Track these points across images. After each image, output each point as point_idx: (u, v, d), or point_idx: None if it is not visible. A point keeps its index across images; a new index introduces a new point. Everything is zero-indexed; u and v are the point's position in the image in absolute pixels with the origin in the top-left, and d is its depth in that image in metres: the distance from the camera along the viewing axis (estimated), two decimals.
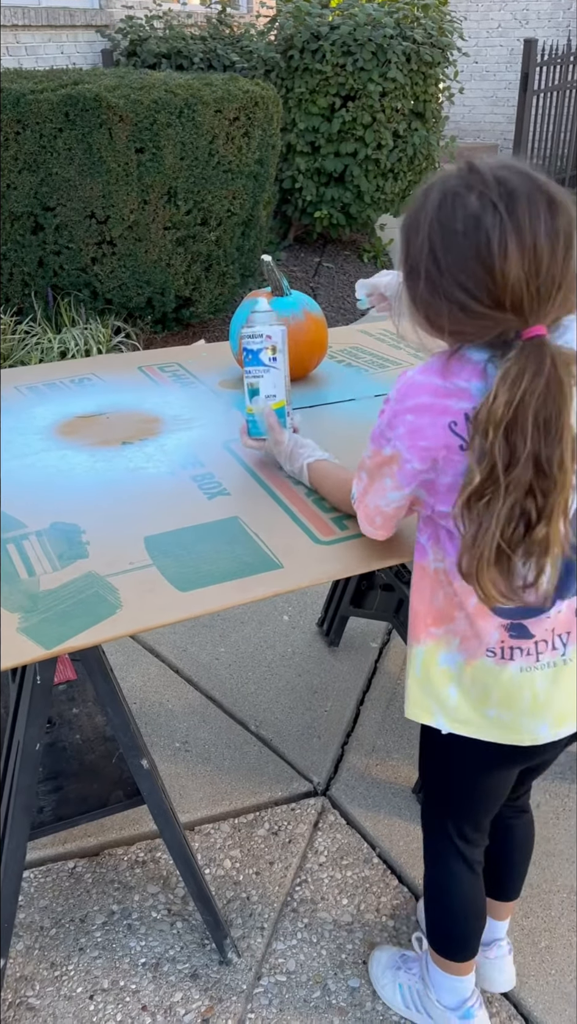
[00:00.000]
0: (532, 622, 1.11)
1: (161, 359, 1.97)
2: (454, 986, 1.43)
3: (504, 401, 0.92)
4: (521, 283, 0.91)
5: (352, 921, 1.71)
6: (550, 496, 0.95)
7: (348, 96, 5.53)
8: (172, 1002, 1.56)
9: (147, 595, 1.10)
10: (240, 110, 4.12)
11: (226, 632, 2.52)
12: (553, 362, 0.93)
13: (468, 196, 0.92)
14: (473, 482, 0.95)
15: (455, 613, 1.12)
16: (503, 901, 1.53)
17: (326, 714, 2.22)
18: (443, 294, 0.95)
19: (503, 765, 1.25)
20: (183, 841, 1.47)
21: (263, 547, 1.22)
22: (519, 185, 0.92)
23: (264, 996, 1.57)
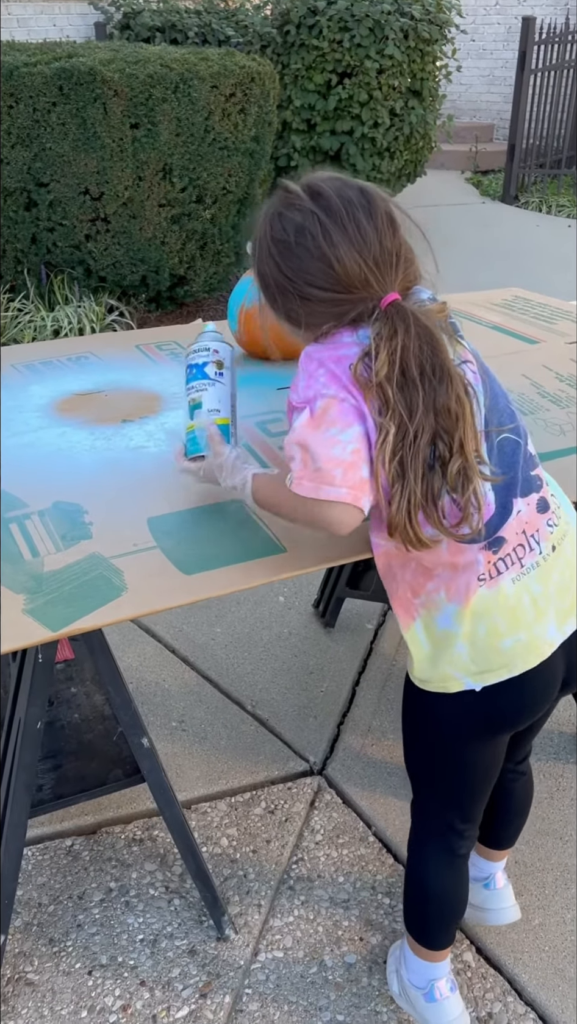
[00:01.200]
0: (504, 529, 1.14)
1: (159, 338, 1.95)
2: (423, 969, 1.43)
3: (386, 356, 1.00)
4: (358, 264, 1.03)
5: (348, 899, 1.72)
6: (455, 432, 1.02)
7: (345, 73, 5.47)
8: (170, 977, 1.57)
9: (152, 578, 1.10)
10: (236, 86, 4.08)
11: (222, 612, 2.52)
12: (416, 317, 1.03)
13: (289, 212, 1.06)
14: (388, 435, 1.01)
15: (434, 571, 1.14)
16: (502, 850, 1.59)
17: (322, 694, 2.23)
18: (298, 295, 1.07)
19: (501, 722, 1.23)
20: (183, 820, 1.48)
21: (266, 530, 1.21)
22: (327, 185, 1.05)
23: (261, 972, 1.59)
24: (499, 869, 1.60)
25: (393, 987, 1.53)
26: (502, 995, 1.56)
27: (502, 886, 1.60)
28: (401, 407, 1.01)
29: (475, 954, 1.62)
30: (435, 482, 1.03)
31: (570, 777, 1.99)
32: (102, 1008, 1.52)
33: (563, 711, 2.16)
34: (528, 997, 1.56)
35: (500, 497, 1.13)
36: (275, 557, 1.16)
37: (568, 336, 2.02)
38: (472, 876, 1.55)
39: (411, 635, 1.18)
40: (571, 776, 1.99)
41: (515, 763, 1.46)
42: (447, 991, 1.42)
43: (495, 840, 1.57)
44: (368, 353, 1.03)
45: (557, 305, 2.27)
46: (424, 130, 5.89)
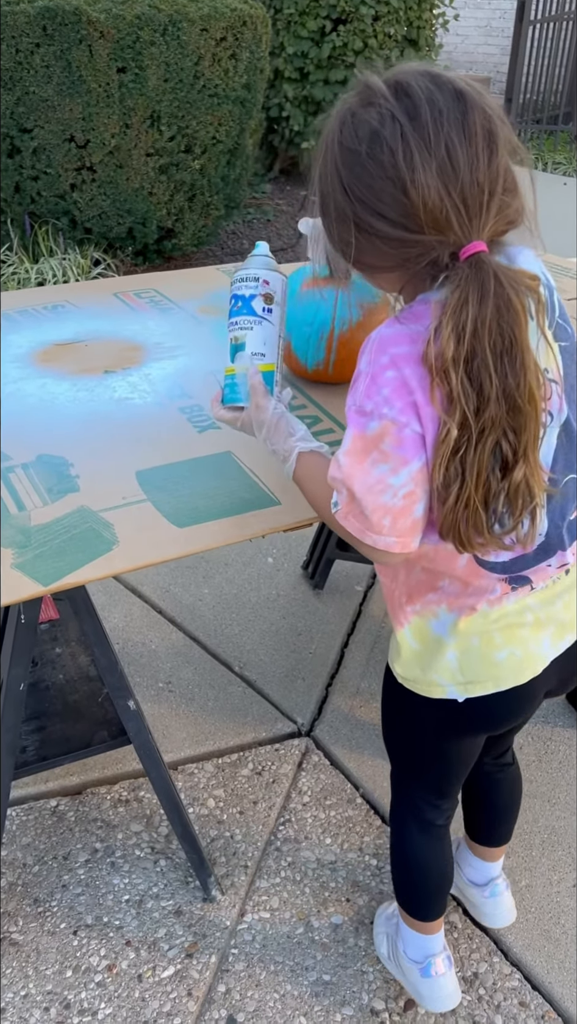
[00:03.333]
0: (532, 572, 1.04)
1: (137, 285, 1.88)
2: (419, 943, 1.42)
3: (451, 333, 0.82)
4: (440, 196, 0.81)
5: (335, 860, 1.71)
6: (522, 433, 0.86)
7: (339, 19, 5.30)
8: (156, 938, 1.56)
9: (143, 531, 1.06)
10: (227, 30, 3.93)
11: (210, 573, 2.48)
12: (498, 280, 0.82)
13: (366, 111, 0.83)
14: (450, 435, 0.84)
15: (438, 582, 1.04)
16: (495, 847, 1.53)
17: (311, 656, 2.20)
18: (359, 225, 0.86)
19: (481, 728, 1.18)
20: (169, 782, 1.46)
21: (259, 483, 1.17)
22: (419, 87, 0.82)
23: (247, 932, 1.58)
24: (498, 872, 1.56)
25: (381, 949, 1.53)
26: (488, 955, 1.56)
27: (502, 892, 1.55)
28: (466, 399, 0.83)
29: (461, 915, 1.62)
30: (493, 485, 0.88)
31: (559, 740, 1.99)
32: (87, 968, 1.51)
33: None
34: (513, 958, 1.56)
35: (546, 542, 1.02)
36: (269, 509, 1.12)
37: (567, 293, 1.96)
38: (470, 879, 1.56)
39: (402, 635, 1.11)
40: (560, 740, 1.99)
41: (496, 757, 1.43)
42: (443, 968, 1.41)
43: (488, 837, 1.52)
44: (425, 353, 0.84)
45: (555, 261, 2.21)
46: None
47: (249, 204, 5.51)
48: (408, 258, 0.86)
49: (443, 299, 0.83)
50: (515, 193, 0.86)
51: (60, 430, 1.27)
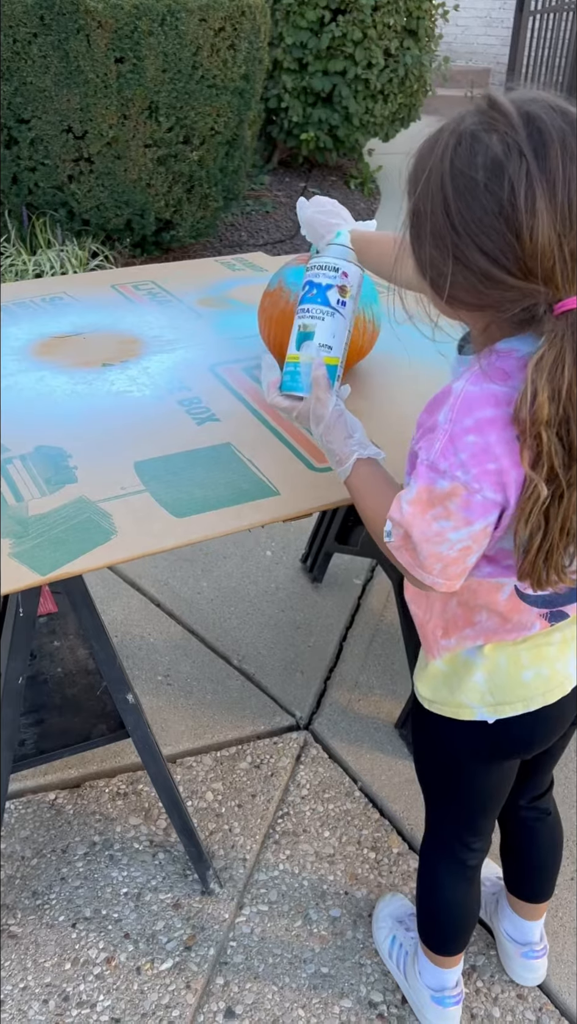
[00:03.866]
0: (570, 607, 1.04)
1: (136, 277, 1.87)
2: (437, 974, 1.40)
3: (547, 397, 0.79)
4: (553, 245, 0.77)
5: (334, 853, 1.71)
6: None
7: (338, 9, 5.27)
8: (154, 930, 1.56)
9: (142, 521, 1.06)
10: (226, 20, 3.90)
11: (208, 567, 2.48)
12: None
13: (489, 137, 0.77)
14: (540, 494, 0.83)
15: (476, 616, 1.04)
16: (534, 904, 1.47)
17: (309, 649, 2.20)
18: (457, 258, 0.80)
19: (514, 750, 1.17)
20: (168, 775, 1.46)
21: (258, 473, 1.17)
22: (551, 124, 0.77)
23: (246, 925, 1.58)
24: (538, 937, 1.49)
25: (383, 945, 1.52)
26: (485, 949, 1.56)
27: (538, 957, 1.49)
28: (557, 459, 0.81)
29: None
30: (573, 531, 0.87)
31: None
32: (86, 960, 1.51)
33: None
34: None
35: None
36: (268, 500, 1.11)
37: None
38: (508, 933, 1.51)
39: (434, 665, 1.11)
40: None
41: (533, 799, 1.37)
42: (454, 1001, 1.40)
43: (528, 892, 1.46)
44: (518, 413, 0.82)
45: None
46: (419, 72, 5.70)
47: (248, 196, 5.49)
48: (502, 301, 0.82)
49: (538, 356, 0.80)
50: None
51: (58, 422, 1.27)
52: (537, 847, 1.42)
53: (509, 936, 1.50)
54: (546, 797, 1.39)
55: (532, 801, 1.37)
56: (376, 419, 1.32)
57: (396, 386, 1.44)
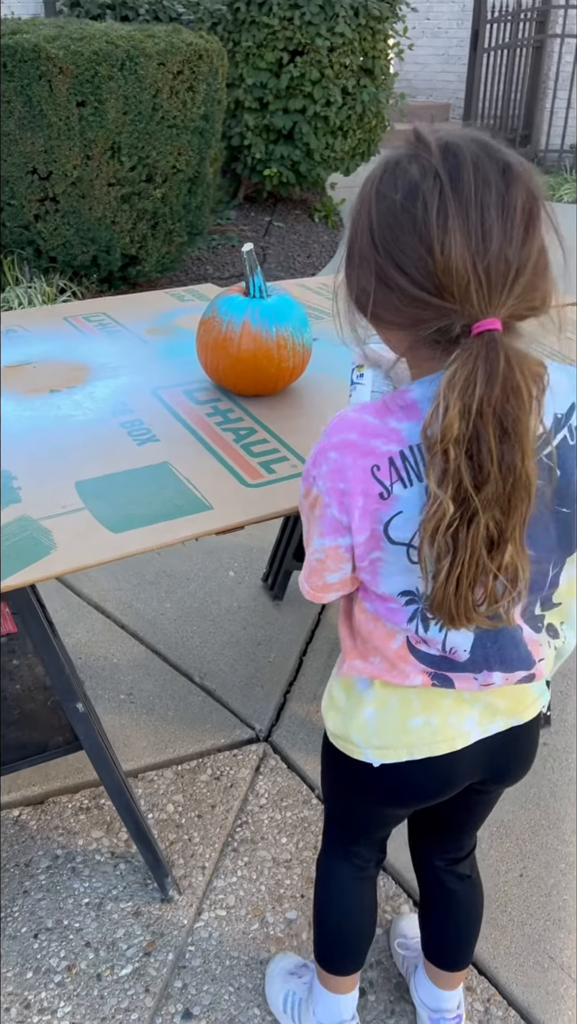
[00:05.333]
0: (459, 677, 1.02)
1: (88, 310, 1.96)
2: (330, 1003, 1.37)
3: (458, 413, 0.79)
4: (466, 264, 0.78)
5: (291, 858, 1.77)
6: (513, 515, 0.84)
7: (296, 51, 5.45)
8: (115, 938, 1.60)
9: (81, 537, 1.13)
10: (184, 63, 4.05)
11: (172, 588, 2.54)
12: (508, 362, 0.79)
13: (410, 164, 0.82)
14: (445, 512, 0.83)
15: (371, 656, 1.05)
16: (448, 972, 1.39)
17: (270, 664, 2.27)
18: (379, 276, 0.83)
19: (393, 799, 1.16)
20: (121, 781, 1.51)
21: (193, 490, 1.24)
22: (467, 151, 0.80)
23: (204, 930, 1.63)
24: (450, 1007, 1.41)
25: (276, 1005, 1.48)
26: None
27: (451, 1023, 1.42)
28: (463, 476, 0.82)
29: (412, 906, 1.68)
30: (483, 564, 0.86)
31: None
32: (47, 969, 1.55)
33: None
34: None
35: (475, 656, 1.00)
36: (201, 514, 1.19)
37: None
38: (423, 1001, 1.45)
39: (331, 685, 1.14)
40: None
41: (450, 861, 1.33)
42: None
43: (443, 960, 1.39)
44: (427, 428, 0.83)
45: None
46: (377, 108, 5.89)
47: (214, 231, 5.63)
48: (420, 320, 0.83)
49: (451, 374, 0.80)
50: (545, 277, 0.83)
51: (5, 446, 1.34)
52: (454, 914, 1.36)
53: (423, 1003, 1.45)
54: (465, 862, 1.34)
55: (450, 864, 1.33)
56: (311, 432, 1.40)
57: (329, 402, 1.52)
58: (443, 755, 1.07)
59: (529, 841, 1.81)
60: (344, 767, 1.14)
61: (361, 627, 1.04)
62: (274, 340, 1.40)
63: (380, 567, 0.94)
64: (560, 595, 1.03)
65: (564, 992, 1.54)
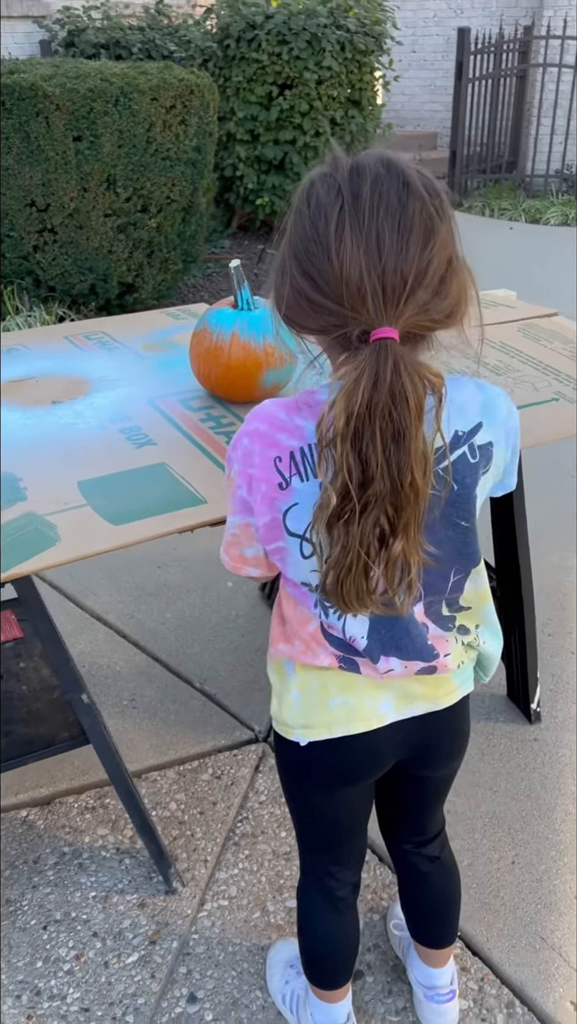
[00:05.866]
0: (362, 662, 1.10)
1: (87, 329, 2.06)
2: (326, 1010, 1.42)
3: (342, 410, 0.84)
4: (359, 272, 0.84)
5: (290, 851, 1.83)
6: (403, 512, 0.89)
7: (285, 84, 5.63)
8: (121, 928, 1.66)
9: (83, 529, 1.21)
10: (176, 98, 4.20)
11: (172, 599, 2.62)
12: (396, 370, 0.83)
13: (321, 183, 0.88)
14: (330, 503, 0.89)
15: (292, 639, 1.13)
16: (434, 949, 1.46)
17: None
18: (290, 281, 0.90)
19: (324, 778, 1.20)
20: (125, 773, 1.58)
21: (189, 487, 1.33)
22: (372, 168, 0.86)
23: (207, 919, 1.69)
24: (444, 982, 1.48)
25: (276, 994, 1.54)
26: None
27: (444, 1003, 1.48)
28: (350, 472, 0.87)
29: None
30: (373, 555, 0.92)
31: (500, 735, 2.12)
32: (56, 958, 1.61)
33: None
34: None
35: (370, 645, 1.07)
36: (196, 508, 1.27)
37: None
38: (417, 980, 1.51)
39: (268, 671, 1.22)
40: (500, 734, 2.12)
41: (417, 844, 1.39)
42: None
43: (427, 938, 1.46)
44: (320, 424, 0.88)
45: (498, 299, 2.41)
46: (365, 138, 6.06)
47: (209, 259, 5.77)
48: (325, 325, 0.89)
49: (340, 375, 0.86)
50: (446, 296, 0.87)
51: (11, 452, 1.43)
52: (429, 894, 1.42)
53: (417, 981, 1.51)
54: (433, 844, 1.39)
55: (417, 847, 1.39)
56: None
57: None
58: (361, 734, 1.13)
59: (521, 830, 1.87)
60: (285, 753, 1.21)
61: (286, 611, 1.12)
62: (261, 349, 1.49)
63: (285, 556, 1.03)
64: (468, 600, 1.11)
65: (555, 971, 1.60)
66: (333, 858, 1.32)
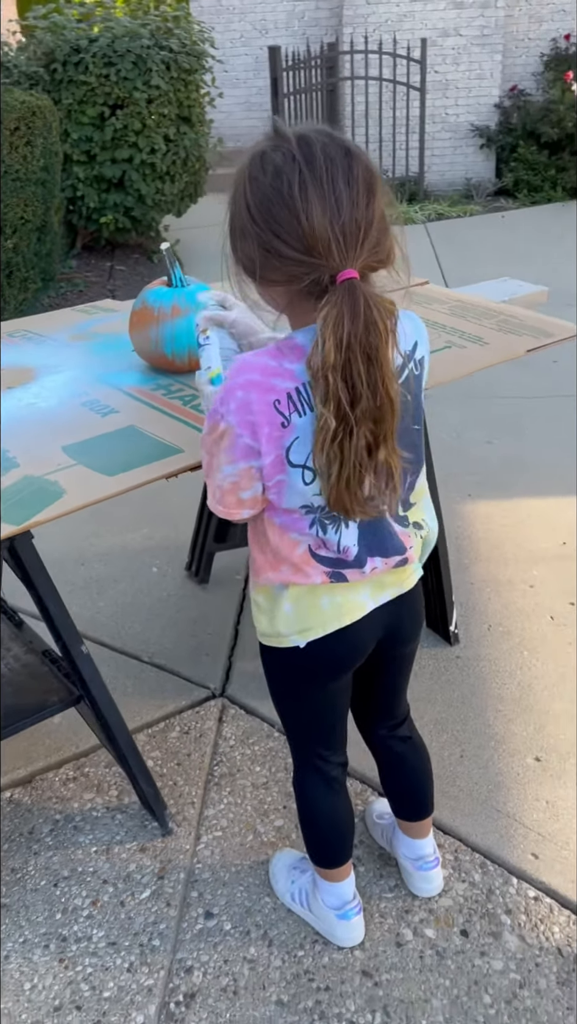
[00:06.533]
0: (349, 572, 1.27)
1: (8, 329, 2.15)
2: (334, 890, 1.60)
3: (333, 345, 1.01)
4: (325, 226, 1.01)
5: (267, 781, 2.00)
6: (383, 423, 1.08)
7: (116, 104, 5.77)
8: (128, 871, 1.78)
9: (83, 482, 1.35)
10: (19, 120, 4.28)
11: (102, 590, 2.72)
12: (367, 303, 1.02)
13: (273, 153, 1.04)
14: (329, 426, 1.05)
15: (281, 566, 1.28)
16: (416, 821, 1.67)
17: (210, 636, 2.49)
18: (257, 242, 1.05)
19: (326, 669, 1.39)
20: (121, 718, 1.70)
21: (163, 441, 1.48)
22: (316, 138, 1.04)
23: (206, 850, 1.83)
24: (428, 851, 1.69)
25: (285, 896, 1.70)
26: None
27: (431, 868, 1.69)
28: (344, 396, 1.04)
29: (378, 795, 1.94)
30: (365, 463, 1.10)
31: (428, 658, 2.37)
32: (74, 908, 1.71)
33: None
34: None
35: (360, 551, 1.25)
36: (176, 456, 1.43)
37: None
38: (403, 853, 1.71)
39: (254, 596, 1.37)
40: (428, 657, 2.37)
41: (390, 727, 1.60)
42: (357, 911, 1.62)
43: (409, 812, 1.67)
44: (310, 360, 1.05)
45: None
46: (199, 153, 6.30)
47: (60, 279, 5.81)
48: (296, 275, 1.04)
49: (324, 315, 1.02)
50: (387, 236, 1.07)
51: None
52: (406, 771, 1.64)
53: (405, 856, 1.71)
54: (404, 725, 1.61)
55: (392, 730, 1.60)
56: None
57: None
58: (350, 625, 1.32)
59: (462, 730, 2.13)
60: (281, 662, 1.39)
61: (271, 541, 1.27)
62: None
63: (284, 488, 1.18)
64: (415, 496, 1.33)
65: (513, 833, 1.85)
66: (326, 743, 1.51)
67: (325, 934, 1.64)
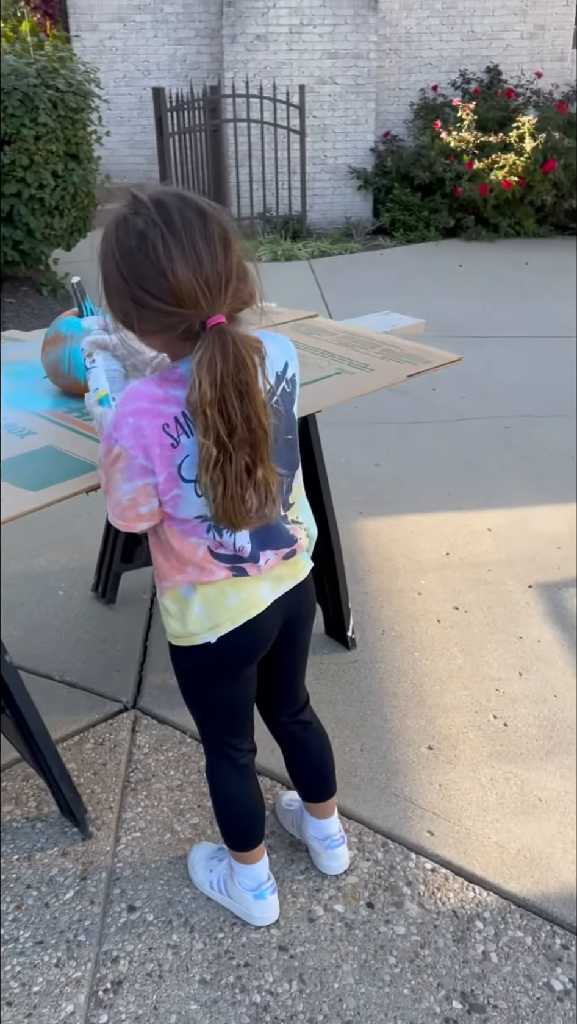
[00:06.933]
0: (248, 566, 1.42)
1: None
2: (249, 872, 1.72)
3: (208, 384, 1.15)
4: (190, 280, 1.14)
5: (182, 783, 2.11)
6: (258, 448, 1.24)
7: (4, 140, 5.82)
8: (51, 875, 1.85)
9: (11, 496, 1.45)
10: None
11: (9, 615, 2.76)
12: (235, 344, 1.17)
13: (135, 218, 1.16)
14: (211, 454, 1.19)
15: (186, 568, 1.40)
16: (321, 802, 1.81)
17: (119, 653, 2.58)
18: (132, 299, 1.18)
19: (236, 661, 1.52)
20: (43, 726, 1.78)
21: (80, 459, 1.60)
22: (172, 202, 1.17)
23: (126, 850, 1.92)
24: (334, 831, 1.83)
25: (203, 884, 1.81)
26: None
27: (337, 846, 1.84)
28: (219, 428, 1.18)
29: (285, 789, 2.08)
30: (245, 483, 1.25)
31: (327, 663, 2.53)
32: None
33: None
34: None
35: (253, 548, 1.39)
36: (94, 472, 1.55)
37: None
38: (311, 835, 1.84)
39: (163, 603, 1.49)
40: (328, 662, 2.53)
41: (292, 714, 1.74)
42: (270, 891, 1.74)
43: (314, 794, 1.81)
44: (189, 398, 1.18)
45: None
46: (87, 189, 6.40)
47: None
48: (170, 325, 1.19)
49: (198, 358, 1.16)
50: (247, 281, 1.21)
51: None
52: (308, 754, 1.79)
53: (313, 836, 1.84)
54: (305, 711, 1.76)
55: (293, 716, 1.74)
56: None
57: None
58: (255, 618, 1.46)
59: (360, 726, 2.30)
60: (193, 660, 1.52)
61: (175, 547, 1.39)
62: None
63: (180, 500, 1.32)
64: (293, 496, 1.48)
65: (410, 814, 2.03)
66: (235, 731, 1.65)
67: (243, 916, 1.76)
